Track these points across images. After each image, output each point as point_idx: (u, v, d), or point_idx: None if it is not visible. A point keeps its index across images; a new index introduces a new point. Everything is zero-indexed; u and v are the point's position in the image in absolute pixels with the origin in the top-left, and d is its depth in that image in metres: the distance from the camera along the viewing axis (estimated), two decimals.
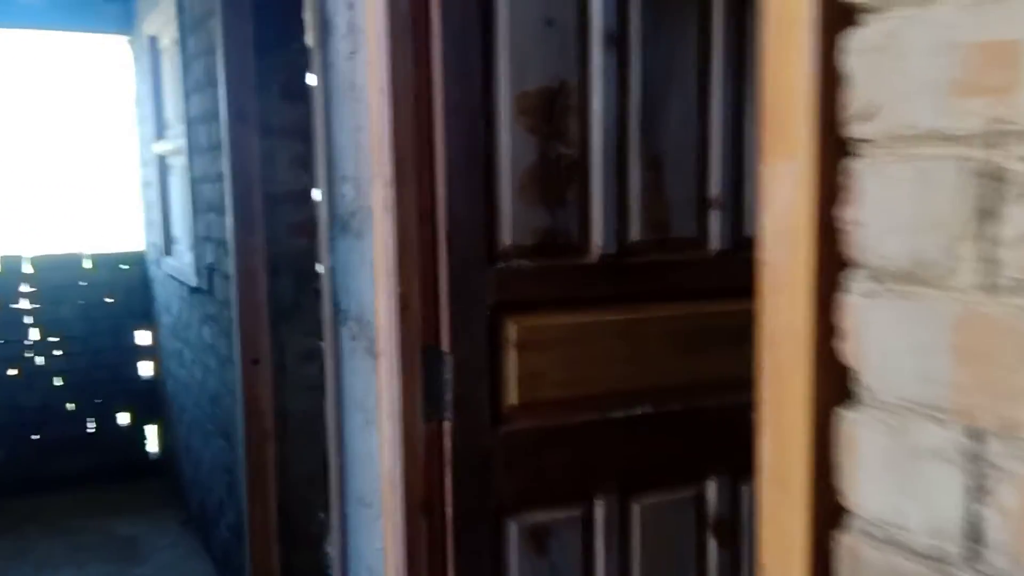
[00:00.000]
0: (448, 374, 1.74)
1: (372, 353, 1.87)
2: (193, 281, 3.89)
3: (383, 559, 1.85)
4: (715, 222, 1.95)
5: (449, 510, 1.77)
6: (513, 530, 1.83)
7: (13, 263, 5.13)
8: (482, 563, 1.80)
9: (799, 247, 0.75)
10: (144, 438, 5.54)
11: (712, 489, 2.00)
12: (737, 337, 2.00)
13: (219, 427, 3.74)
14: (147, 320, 5.37)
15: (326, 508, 3.31)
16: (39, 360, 5.21)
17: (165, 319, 4.95)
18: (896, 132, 0.68)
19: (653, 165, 1.89)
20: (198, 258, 3.80)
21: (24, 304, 5.17)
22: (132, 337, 5.45)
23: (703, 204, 1.94)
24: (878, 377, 0.70)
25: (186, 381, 4.48)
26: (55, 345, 5.24)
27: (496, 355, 1.79)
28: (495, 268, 1.76)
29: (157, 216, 4.76)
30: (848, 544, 0.74)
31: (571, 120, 1.81)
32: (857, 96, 0.71)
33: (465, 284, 1.74)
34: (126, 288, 5.37)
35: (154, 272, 5.15)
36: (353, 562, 2.09)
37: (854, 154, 0.72)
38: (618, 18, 1.83)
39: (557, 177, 1.80)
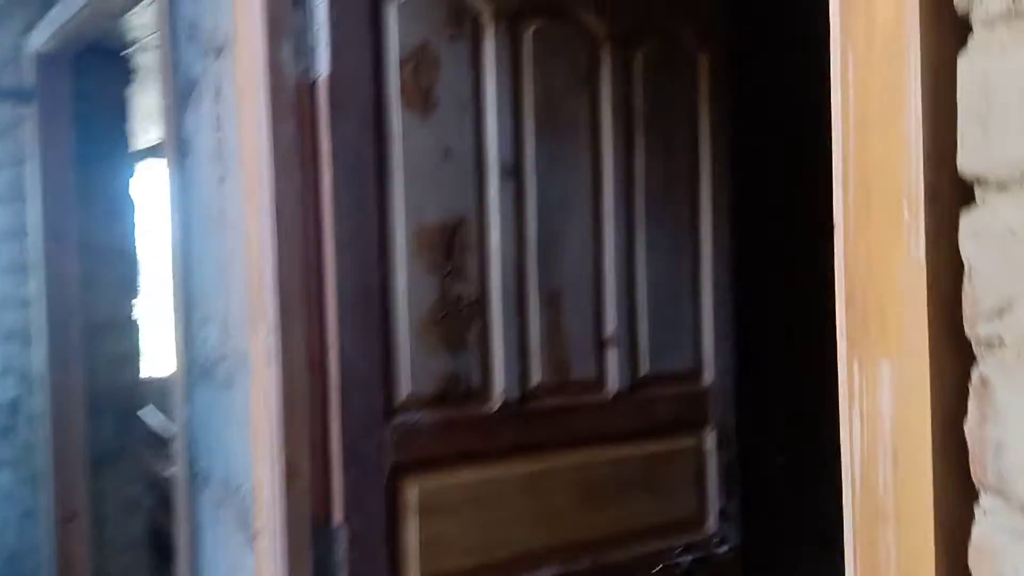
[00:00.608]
0: (341, 551, 1.48)
1: (245, 526, 1.57)
2: None
3: None
4: (612, 361, 1.82)
5: None
6: None
7: None
8: None
9: (913, 468, 0.60)
10: None
11: None
12: (640, 484, 1.87)
13: None
14: None
15: None
16: None
17: None
18: None
19: (552, 302, 1.74)
20: None
21: None
22: None
23: (600, 343, 1.81)
24: None
25: None
26: None
27: (395, 523, 1.54)
28: (393, 424, 1.54)
29: None
30: None
31: (470, 256, 1.64)
32: (982, 287, 0.58)
33: (361, 445, 1.50)
34: None
35: None
36: None
37: (980, 356, 0.59)
38: (514, 148, 1.70)
39: (458, 318, 1.61)
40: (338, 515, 1.48)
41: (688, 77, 1.92)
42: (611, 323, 1.81)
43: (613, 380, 1.81)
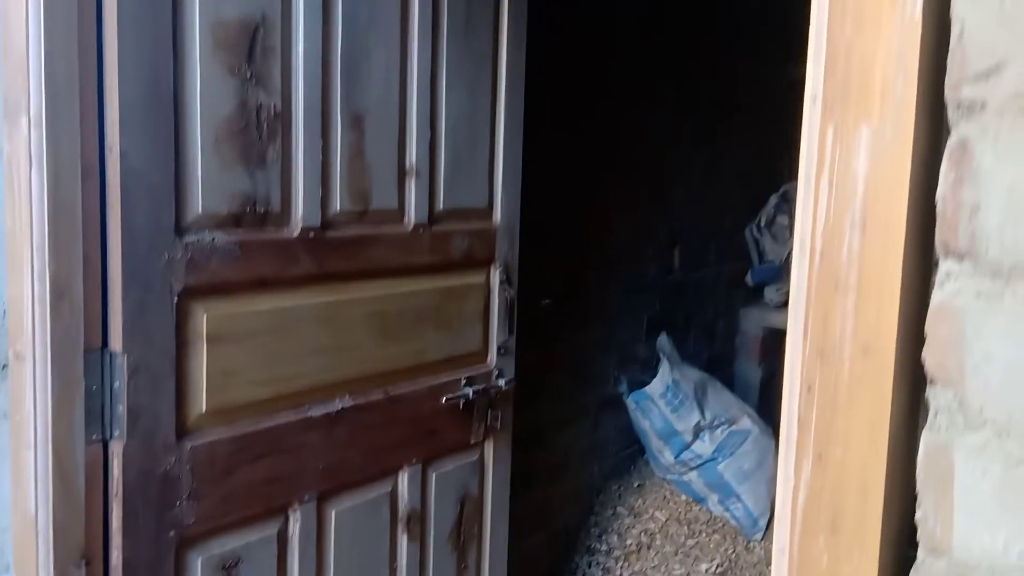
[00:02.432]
0: (120, 381, 1.26)
1: None
2: None
3: None
4: (412, 193, 1.70)
5: (116, 555, 1.30)
6: (198, 566, 1.40)
7: None
8: None
9: (883, 235, 0.57)
10: None
11: (404, 480, 1.76)
12: (432, 319, 1.79)
13: None
14: None
15: None
16: None
17: None
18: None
19: (355, 126, 1.57)
20: None
21: None
22: None
23: (401, 173, 1.68)
24: (990, 395, 0.56)
25: None
26: None
27: (182, 352, 1.34)
28: (183, 243, 1.31)
29: None
30: None
31: (273, 63, 1.41)
32: (970, 48, 0.55)
33: (146, 265, 1.27)
34: None
35: None
36: None
37: (959, 120, 0.56)
38: None
39: (258, 131, 1.40)
40: (116, 341, 1.25)
41: None
42: (413, 153, 1.68)
43: (412, 212, 1.70)
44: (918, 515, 0.60)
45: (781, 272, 3.31)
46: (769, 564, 2.53)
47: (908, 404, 0.59)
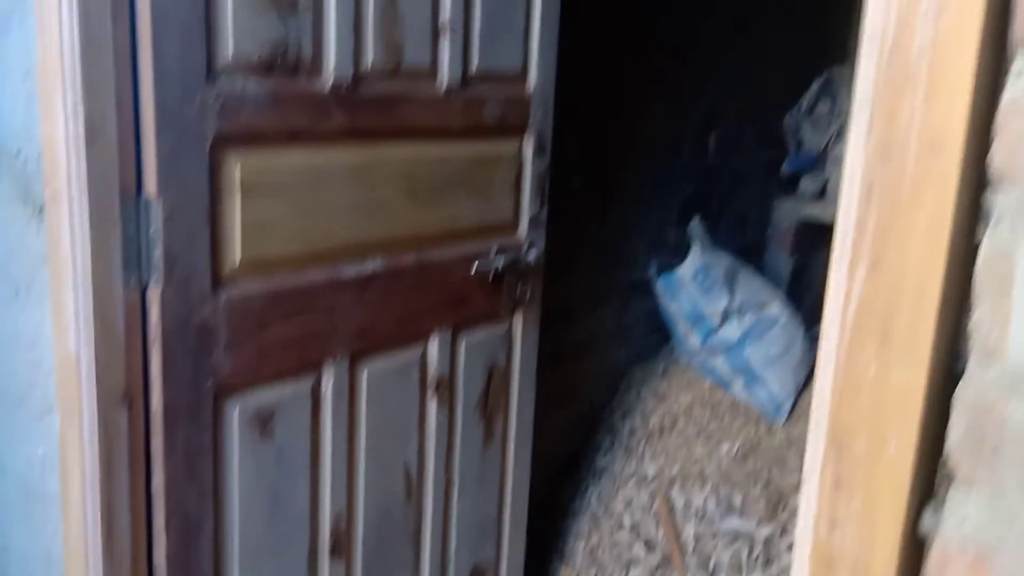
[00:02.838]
0: (156, 226, 1.27)
1: (28, 201, 1.30)
2: None
3: (54, 468, 1.36)
4: (446, 50, 1.67)
5: (156, 398, 1.34)
6: (235, 415, 1.45)
7: None
8: (198, 456, 1.40)
9: (957, 24, 0.55)
10: None
11: (433, 347, 1.79)
12: (464, 185, 1.78)
13: None
14: None
15: None
16: None
17: None
18: None
19: None
20: None
21: None
22: None
23: (435, 29, 1.64)
24: None
25: None
26: None
27: (216, 202, 1.35)
28: (216, 89, 1.30)
29: None
30: (982, 400, 0.59)
31: None
32: None
33: (179, 108, 1.26)
34: None
35: None
36: None
37: None
38: None
39: None
40: (151, 186, 1.26)
41: None
42: (447, 8, 1.64)
43: (445, 72, 1.67)
44: (972, 322, 0.60)
45: (818, 162, 3.25)
46: (791, 448, 2.58)
47: (969, 208, 0.58)
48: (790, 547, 2.32)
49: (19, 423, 1.42)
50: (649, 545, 2.43)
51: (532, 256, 1.94)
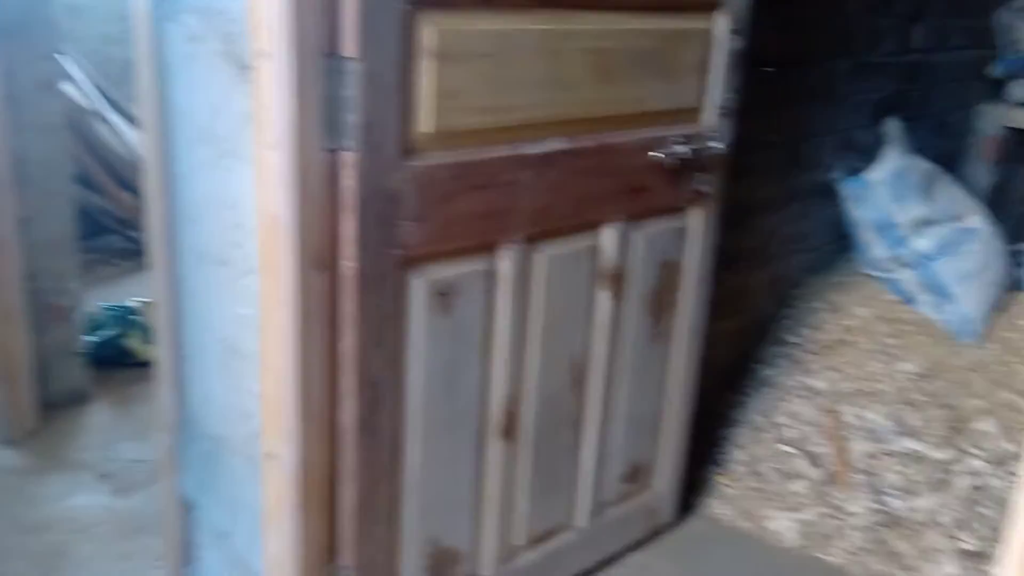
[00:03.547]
0: (352, 90, 1.30)
1: (233, 59, 1.35)
2: None
3: (254, 326, 1.45)
4: None
5: (349, 264, 1.39)
6: (419, 287, 1.49)
7: None
8: (384, 326, 1.46)
9: None
10: None
11: (609, 236, 1.78)
12: (651, 64, 1.73)
13: None
14: None
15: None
16: None
17: None
18: None
19: None
20: None
21: None
22: None
23: None
24: None
25: None
26: None
27: (409, 67, 1.36)
28: None
29: None
30: None
31: None
32: None
33: None
34: None
35: None
36: (192, 329, 1.64)
37: None
38: None
39: None
40: (350, 47, 1.28)
41: None
42: None
43: None
44: None
45: None
46: (978, 371, 2.44)
47: None
48: (966, 473, 2.22)
49: (221, 283, 1.52)
50: (813, 460, 2.38)
51: (717, 146, 1.87)
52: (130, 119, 4.71)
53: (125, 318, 3.27)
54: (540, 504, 1.85)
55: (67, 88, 3.69)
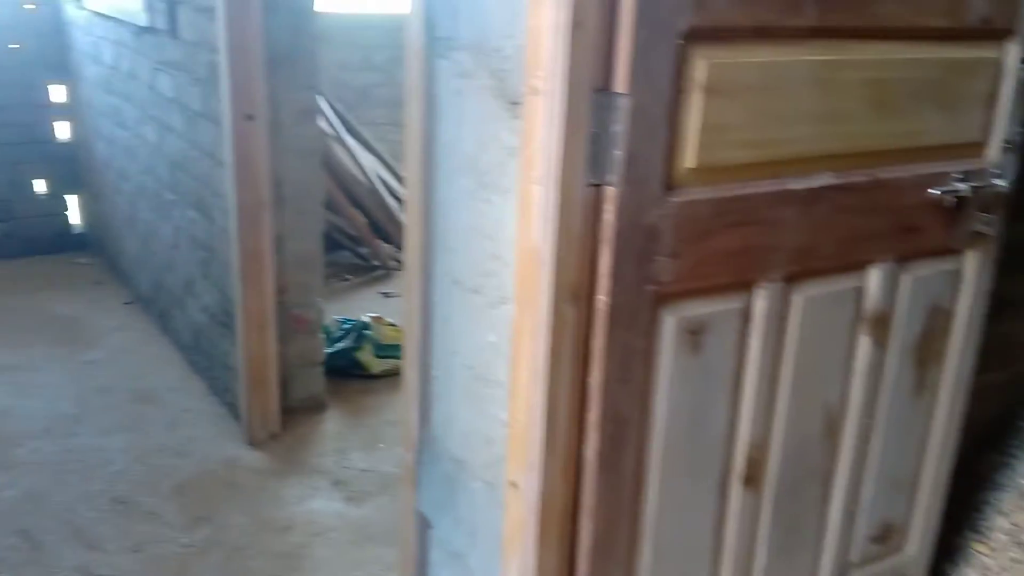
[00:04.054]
0: (621, 125, 1.30)
1: (503, 95, 1.40)
2: (142, 19, 3.19)
3: (503, 354, 1.48)
4: None
5: (603, 298, 1.39)
6: (670, 325, 1.47)
7: None
8: (633, 362, 1.45)
9: None
10: (65, 209, 4.91)
11: (874, 277, 1.67)
12: (932, 95, 1.62)
13: (187, 196, 3.20)
14: (62, 72, 4.58)
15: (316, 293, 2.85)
16: None
17: (90, 71, 4.20)
18: None
19: None
20: None
21: None
22: (45, 92, 4.66)
23: None
24: None
25: (128, 144, 3.84)
26: None
27: (677, 102, 1.35)
28: None
29: None
30: None
31: None
32: None
33: (655, 1, 1.26)
34: (35, 33, 4.52)
35: (71, 13, 4.31)
36: (439, 352, 1.71)
37: None
38: None
39: None
40: (622, 82, 1.29)
41: None
42: None
43: None
44: None
45: None
46: None
47: None
48: None
49: (472, 310, 1.57)
50: None
51: (1000, 184, 1.72)
52: (363, 142, 5.04)
53: (359, 332, 3.48)
54: (780, 559, 1.77)
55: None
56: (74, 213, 4.96)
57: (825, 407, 1.71)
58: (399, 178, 5.24)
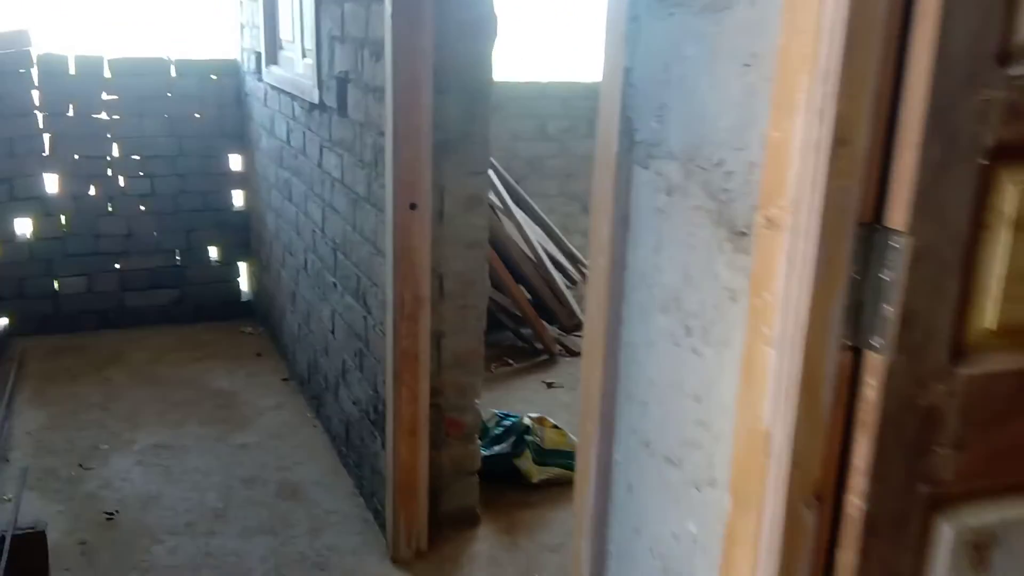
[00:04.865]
0: (895, 271, 0.96)
1: (722, 221, 1.08)
2: (314, 96, 3.10)
3: (706, 552, 1.14)
4: None
5: (856, 501, 1.03)
6: (948, 537, 1.09)
7: (92, 65, 4.39)
8: None
9: None
10: (236, 276, 4.96)
11: None
12: None
13: (345, 282, 3.05)
14: (240, 142, 4.65)
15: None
16: (120, 180, 4.55)
17: (265, 142, 4.22)
18: None
19: None
20: (322, 65, 3.00)
21: (104, 115, 4.46)
22: (224, 161, 4.74)
23: None
24: None
25: (294, 219, 3.78)
26: (138, 165, 4.56)
27: (974, 240, 0.99)
28: (1007, 75, 0.94)
29: (257, 11, 3.94)
30: None
31: None
32: None
33: (954, 108, 0.92)
34: (217, 103, 4.62)
35: (251, 85, 4.37)
36: (619, 526, 1.38)
37: None
38: None
39: None
40: (898, 215, 0.94)
41: None
42: None
43: None
44: None
45: None
46: None
47: None
48: None
49: (667, 486, 1.24)
50: None
51: None
52: (532, 214, 4.82)
53: (519, 436, 3.19)
54: None
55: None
56: (243, 280, 5.01)
57: None
58: (568, 254, 4.98)
